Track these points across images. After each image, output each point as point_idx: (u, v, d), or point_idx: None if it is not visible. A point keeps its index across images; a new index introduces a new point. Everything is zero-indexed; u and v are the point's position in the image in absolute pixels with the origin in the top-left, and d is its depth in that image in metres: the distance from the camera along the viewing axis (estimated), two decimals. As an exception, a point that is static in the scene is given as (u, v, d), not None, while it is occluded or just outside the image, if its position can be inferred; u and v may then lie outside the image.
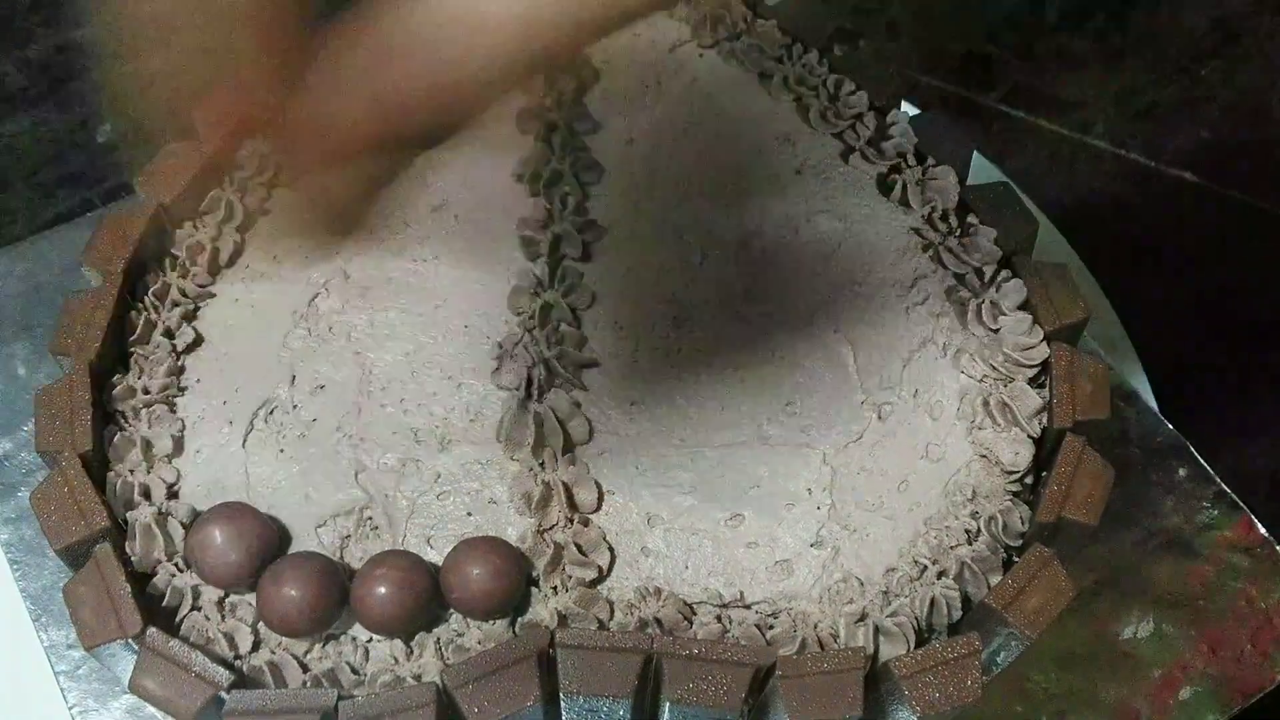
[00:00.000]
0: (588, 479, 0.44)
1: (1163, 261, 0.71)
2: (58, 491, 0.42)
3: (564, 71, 0.53)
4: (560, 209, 0.50)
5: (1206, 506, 0.60)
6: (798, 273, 0.49)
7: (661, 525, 0.44)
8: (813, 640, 0.42)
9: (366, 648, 0.42)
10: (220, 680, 0.39)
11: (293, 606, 0.40)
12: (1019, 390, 0.46)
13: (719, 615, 0.43)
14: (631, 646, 0.40)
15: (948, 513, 0.45)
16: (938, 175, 0.50)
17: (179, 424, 0.46)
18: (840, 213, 0.51)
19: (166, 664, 0.39)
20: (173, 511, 0.44)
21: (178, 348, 0.47)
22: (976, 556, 0.44)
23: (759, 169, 0.52)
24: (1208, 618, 0.56)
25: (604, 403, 0.46)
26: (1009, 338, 0.47)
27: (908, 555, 0.44)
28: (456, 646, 0.41)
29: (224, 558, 0.41)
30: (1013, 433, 0.46)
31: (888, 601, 0.43)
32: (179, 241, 0.49)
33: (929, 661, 0.41)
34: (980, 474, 0.46)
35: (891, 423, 0.47)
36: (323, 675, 0.41)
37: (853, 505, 0.45)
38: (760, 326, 0.48)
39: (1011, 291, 0.48)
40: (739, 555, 0.44)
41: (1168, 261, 0.72)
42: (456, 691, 0.39)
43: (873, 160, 0.52)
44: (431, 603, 0.41)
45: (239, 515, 0.42)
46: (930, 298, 0.49)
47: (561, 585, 0.42)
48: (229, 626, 0.41)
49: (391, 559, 0.41)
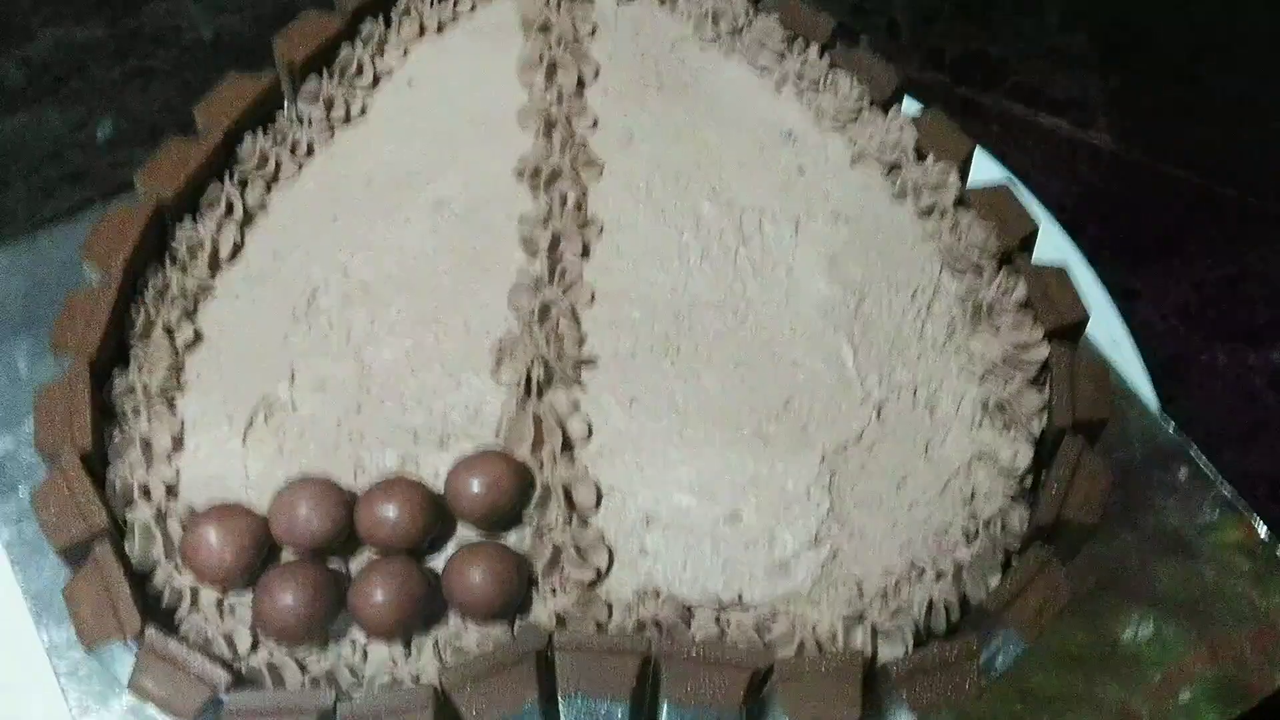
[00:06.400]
0: (586, 478, 0.44)
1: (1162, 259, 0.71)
2: (57, 490, 0.42)
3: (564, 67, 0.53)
4: (560, 206, 0.49)
5: (1207, 508, 0.59)
6: (798, 271, 0.49)
7: (660, 525, 0.44)
8: (811, 642, 0.42)
9: (365, 649, 0.42)
10: (219, 681, 0.39)
11: (289, 615, 0.40)
12: (1019, 390, 0.46)
13: (717, 617, 0.42)
14: (629, 648, 0.40)
15: (947, 513, 0.45)
16: (938, 173, 0.50)
17: (178, 422, 0.46)
18: (841, 211, 0.51)
19: (165, 664, 0.39)
20: (171, 511, 0.44)
21: (178, 345, 0.47)
22: (975, 558, 0.43)
23: (760, 166, 0.52)
24: (1209, 620, 0.56)
25: (603, 401, 0.46)
26: (1009, 337, 0.47)
27: (906, 556, 0.44)
28: (455, 648, 0.41)
29: (218, 558, 0.41)
30: (1012, 432, 0.46)
31: (886, 603, 0.43)
32: (179, 238, 0.49)
33: (927, 664, 0.41)
34: (980, 474, 0.46)
35: (891, 422, 0.46)
36: (321, 676, 0.41)
37: (851, 505, 0.45)
38: (759, 325, 0.48)
39: (1011, 290, 0.48)
40: (737, 556, 0.44)
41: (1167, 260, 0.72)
42: (454, 693, 0.39)
43: (874, 158, 0.51)
44: (429, 606, 0.41)
45: (232, 515, 0.42)
46: (931, 296, 0.49)
47: (560, 586, 0.42)
48: (228, 627, 0.41)
49: (386, 565, 0.41)
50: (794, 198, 0.51)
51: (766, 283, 0.49)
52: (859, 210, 0.51)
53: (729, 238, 0.50)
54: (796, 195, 0.51)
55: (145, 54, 0.77)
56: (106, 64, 0.76)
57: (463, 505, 0.43)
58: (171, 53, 0.77)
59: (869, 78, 0.53)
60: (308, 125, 0.51)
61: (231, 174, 0.50)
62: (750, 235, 0.50)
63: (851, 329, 0.48)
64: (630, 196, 0.51)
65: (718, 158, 0.52)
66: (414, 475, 0.44)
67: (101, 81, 0.76)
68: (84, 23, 0.77)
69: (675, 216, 0.50)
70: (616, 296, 0.48)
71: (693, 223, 0.50)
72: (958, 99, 0.79)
